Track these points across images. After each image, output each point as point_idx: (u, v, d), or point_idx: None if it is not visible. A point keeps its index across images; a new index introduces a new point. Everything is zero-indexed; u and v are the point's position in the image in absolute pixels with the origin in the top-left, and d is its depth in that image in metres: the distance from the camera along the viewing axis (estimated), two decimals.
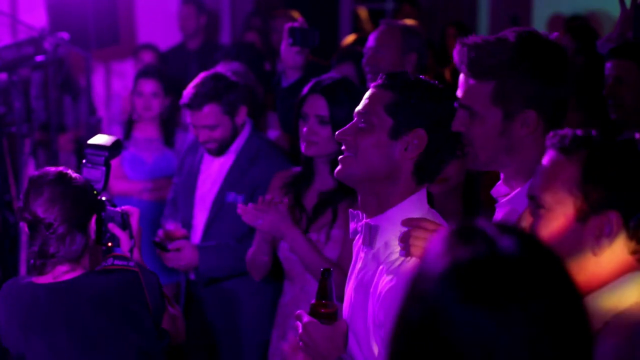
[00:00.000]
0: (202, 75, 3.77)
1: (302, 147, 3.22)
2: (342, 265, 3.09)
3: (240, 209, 3.14)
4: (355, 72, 4.54)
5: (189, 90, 3.70)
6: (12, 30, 6.72)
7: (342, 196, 3.19)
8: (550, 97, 2.15)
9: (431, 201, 2.30)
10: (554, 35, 2.20)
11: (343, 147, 2.21)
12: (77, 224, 2.59)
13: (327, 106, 3.16)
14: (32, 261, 2.68)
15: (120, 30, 6.50)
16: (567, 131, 1.70)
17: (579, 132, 1.69)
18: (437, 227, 2.08)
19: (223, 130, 3.71)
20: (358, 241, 2.30)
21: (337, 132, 2.22)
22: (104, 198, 2.71)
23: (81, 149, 5.19)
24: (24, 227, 2.67)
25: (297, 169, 3.39)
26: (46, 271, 2.66)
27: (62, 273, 2.64)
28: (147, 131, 5.18)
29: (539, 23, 8.04)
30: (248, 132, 3.81)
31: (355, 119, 2.20)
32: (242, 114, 3.75)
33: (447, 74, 6.06)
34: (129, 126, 5.29)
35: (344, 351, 2.20)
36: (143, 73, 5.16)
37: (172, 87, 5.09)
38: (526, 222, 1.74)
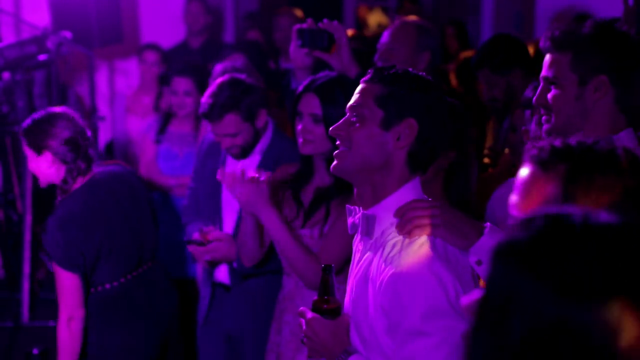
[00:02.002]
0: (218, 82, 3.74)
1: (299, 145, 3.23)
2: (320, 257, 3.10)
3: (219, 174, 3.17)
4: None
5: (206, 100, 3.67)
6: (15, 29, 6.72)
7: (336, 193, 3.18)
8: (619, 66, 2.46)
9: None
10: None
11: (337, 142, 2.27)
12: None
13: (321, 105, 3.16)
14: (75, 172, 3.58)
15: (124, 28, 6.50)
16: (545, 142, 1.62)
17: (557, 142, 1.60)
18: (429, 204, 2.16)
19: (245, 136, 3.70)
20: (357, 237, 2.35)
21: (330, 128, 2.28)
22: None
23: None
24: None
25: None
26: (91, 169, 3.64)
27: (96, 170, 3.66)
28: (181, 127, 5.25)
29: (543, 21, 8.02)
30: (271, 132, 3.80)
31: (348, 113, 2.26)
32: (262, 117, 3.73)
33: (452, 78, 6.06)
34: (165, 120, 5.33)
35: (349, 344, 2.25)
36: (177, 71, 5.16)
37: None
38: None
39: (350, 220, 2.31)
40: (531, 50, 4.87)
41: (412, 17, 4.65)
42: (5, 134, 5.43)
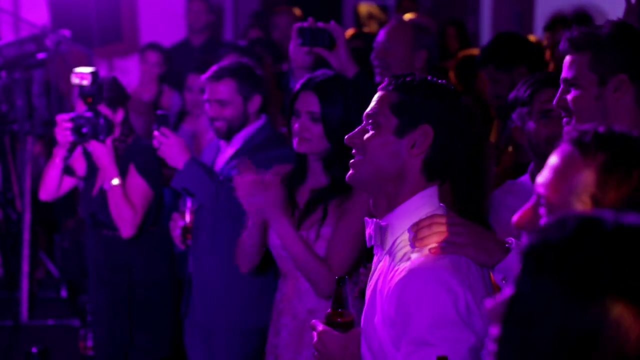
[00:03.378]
0: (230, 58, 3.89)
1: (294, 144, 3.19)
2: (329, 263, 3.06)
3: (237, 180, 3.11)
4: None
5: (213, 67, 3.81)
6: (14, 28, 6.72)
7: (333, 194, 3.16)
8: (639, 64, 2.45)
9: None
10: None
11: (353, 151, 2.23)
12: None
13: (319, 103, 3.14)
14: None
15: (123, 27, 6.49)
16: (588, 126, 1.55)
17: (601, 128, 1.53)
18: (452, 221, 2.10)
19: (233, 110, 3.74)
20: (376, 250, 2.30)
21: (346, 137, 2.24)
22: None
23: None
24: None
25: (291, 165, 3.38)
26: None
27: None
28: (195, 124, 5.24)
29: (542, 20, 8.02)
30: (261, 123, 3.82)
31: (364, 122, 2.22)
32: (255, 102, 3.78)
33: (451, 75, 6.04)
34: (178, 118, 5.33)
35: (359, 358, 2.20)
36: (194, 69, 5.16)
37: None
38: (524, 216, 1.61)
39: (367, 232, 2.25)
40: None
41: (410, 15, 4.63)
42: (5, 132, 5.42)
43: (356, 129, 2.23)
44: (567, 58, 2.51)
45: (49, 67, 5.20)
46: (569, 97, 2.48)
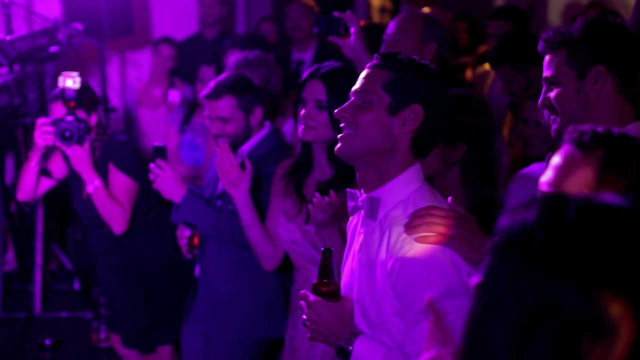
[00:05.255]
0: (226, 73, 3.86)
1: (299, 131, 3.21)
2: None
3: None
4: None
5: (211, 83, 3.79)
6: (27, 21, 6.74)
7: (339, 186, 3.17)
8: (614, 54, 2.49)
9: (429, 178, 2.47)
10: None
11: (342, 125, 2.30)
12: None
13: (326, 91, 3.17)
14: None
15: (135, 20, 6.50)
16: (587, 126, 1.65)
17: (600, 129, 1.64)
18: (446, 213, 2.19)
19: (236, 126, 3.72)
20: (352, 222, 2.41)
21: (335, 110, 2.31)
22: None
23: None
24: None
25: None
26: None
27: None
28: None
29: (555, 11, 7.99)
30: (265, 133, 3.81)
31: (353, 97, 2.31)
32: (257, 115, 3.76)
33: (470, 71, 6.02)
34: (190, 111, 5.34)
35: (353, 326, 2.27)
36: (206, 61, 5.17)
37: None
38: None
39: (351, 203, 2.35)
40: None
41: (425, 9, 4.62)
42: (17, 125, 5.44)
43: (345, 104, 2.31)
44: (546, 58, 2.57)
45: (62, 61, 5.22)
46: (551, 95, 2.53)
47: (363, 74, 2.33)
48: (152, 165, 3.63)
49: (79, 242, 5.81)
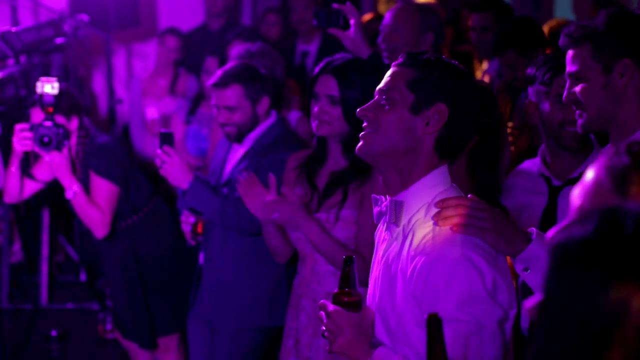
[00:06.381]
0: (233, 62, 3.84)
1: (314, 127, 3.22)
2: (359, 251, 3.08)
3: (253, 207, 3.23)
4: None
5: (218, 72, 3.78)
6: (33, 13, 6.73)
7: (352, 176, 3.18)
8: None
9: None
10: None
11: (364, 124, 2.24)
12: None
13: (338, 86, 3.16)
14: None
15: (141, 11, 6.49)
16: (626, 159, 1.52)
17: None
18: (479, 205, 2.11)
19: (243, 115, 3.73)
20: (380, 228, 2.31)
21: (358, 109, 2.25)
22: None
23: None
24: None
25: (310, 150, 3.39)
26: None
27: None
28: (212, 108, 5.24)
29: (564, 2, 7.94)
30: (271, 122, 3.81)
31: (377, 96, 2.24)
32: (264, 104, 3.76)
33: (477, 65, 5.99)
34: (196, 101, 5.34)
35: (374, 337, 2.19)
36: (211, 52, 5.16)
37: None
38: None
39: (376, 209, 2.27)
40: (546, 30, 4.83)
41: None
42: (23, 117, 5.44)
43: (369, 103, 2.24)
44: (569, 53, 2.54)
45: (67, 52, 5.21)
46: (577, 89, 2.51)
47: (388, 72, 2.26)
48: (159, 152, 3.62)
49: (84, 234, 5.82)
